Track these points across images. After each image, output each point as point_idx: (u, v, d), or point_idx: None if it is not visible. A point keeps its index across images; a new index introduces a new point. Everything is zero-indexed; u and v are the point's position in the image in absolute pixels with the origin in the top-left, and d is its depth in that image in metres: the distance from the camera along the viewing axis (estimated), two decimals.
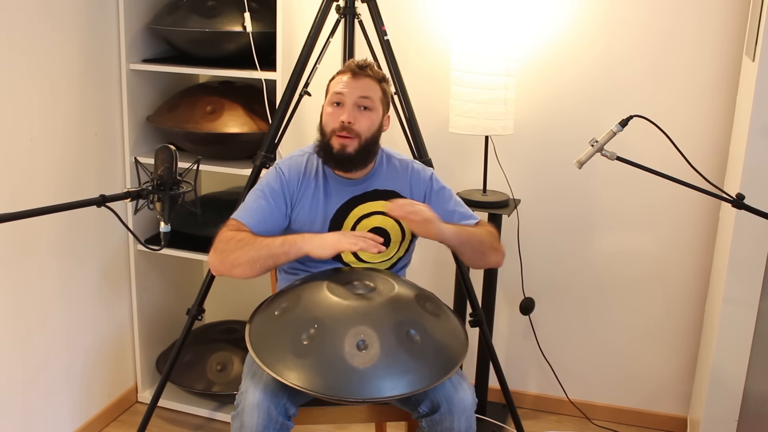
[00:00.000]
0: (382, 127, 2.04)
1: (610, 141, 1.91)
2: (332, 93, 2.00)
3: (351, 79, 1.99)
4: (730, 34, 2.57)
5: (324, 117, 2.02)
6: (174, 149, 1.69)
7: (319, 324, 1.72)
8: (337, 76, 2.03)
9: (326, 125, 2.00)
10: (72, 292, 2.60)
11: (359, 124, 1.97)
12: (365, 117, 1.98)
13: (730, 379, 2.36)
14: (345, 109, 1.97)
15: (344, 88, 1.98)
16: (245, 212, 2.00)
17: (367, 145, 1.99)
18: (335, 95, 1.99)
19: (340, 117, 1.96)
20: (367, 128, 1.98)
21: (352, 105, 1.97)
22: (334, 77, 2.04)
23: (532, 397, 3.07)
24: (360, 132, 1.97)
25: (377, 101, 2.00)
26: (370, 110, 1.99)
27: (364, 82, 1.99)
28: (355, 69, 2.00)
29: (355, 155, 1.98)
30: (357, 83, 1.98)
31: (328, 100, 2.02)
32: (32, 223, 2.33)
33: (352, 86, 1.98)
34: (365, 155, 2.00)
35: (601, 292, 2.90)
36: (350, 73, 2.00)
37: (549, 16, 2.72)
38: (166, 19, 2.64)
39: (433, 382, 1.69)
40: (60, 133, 2.48)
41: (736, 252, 2.27)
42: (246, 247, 1.88)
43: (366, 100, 1.98)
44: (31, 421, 2.47)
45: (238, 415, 1.79)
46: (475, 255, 2.03)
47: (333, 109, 1.99)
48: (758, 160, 2.19)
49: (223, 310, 3.17)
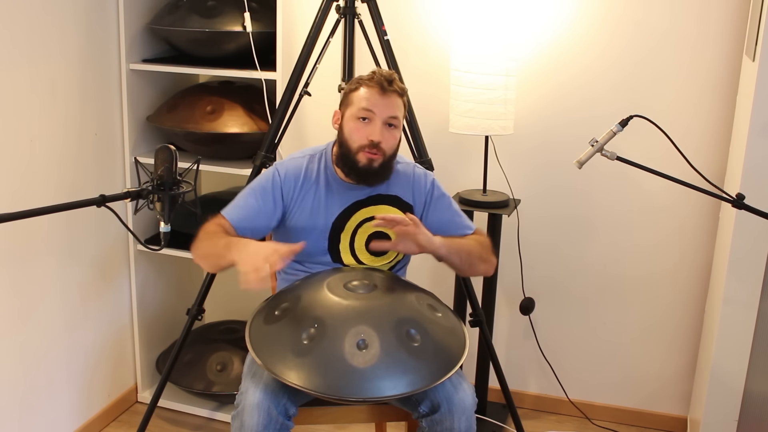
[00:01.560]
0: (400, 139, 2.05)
1: (610, 141, 1.91)
2: (359, 108, 1.95)
3: (380, 97, 1.95)
4: (730, 34, 2.57)
5: (348, 130, 1.98)
6: (174, 149, 1.69)
7: (320, 323, 1.72)
8: (364, 87, 1.96)
9: (351, 140, 1.97)
10: (72, 292, 2.60)
11: (386, 142, 1.96)
12: (392, 135, 1.98)
13: (730, 379, 2.36)
14: (374, 127, 1.94)
15: (374, 107, 1.94)
16: (232, 208, 2.03)
17: (391, 158, 2.00)
18: (363, 111, 1.95)
19: (369, 136, 1.94)
20: (392, 145, 1.99)
21: (382, 124, 1.95)
22: (359, 88, 1.97)
23: (532, 397, 3.07)
24: (386, 149, 1.97)
25: (401, 119, 2.00)
26: (395, 128, 1.98)
27: (392, 99, 1.96)
28: (384, 84, 1.95)
29: (380, 169, 1.98)
30: (386, 101, 1.95)
31: (354, 114, 1.97)
32: (32, 223, 2.33)
33: (381, 105, 1.94)
34: (388, 169, 2.01)
35: (601, 292, 2.90)
36: (379, 89, 1.95)
37: (549, 16, 2.72)
38: (166, 19, 2.64)
39: (433, 381, 1.69)
40: (60, 133, 2.47)
41: (736, 252, 2.27)
42: (207, 242, 1.93)
43: (394, 119, 1.97)
44: (30, 421, 2.47)
45: (238, 415, 1.79)
46: (463, 265, 2.03)
47: (359, 125, 1.96)
48: (758, 160, 2.19)
49: (223, 310, 3.17)
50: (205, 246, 1.93)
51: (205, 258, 1.94)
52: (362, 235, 2.05)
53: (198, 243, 1.95)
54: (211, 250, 1.90)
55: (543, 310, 2.97)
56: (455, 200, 2.72)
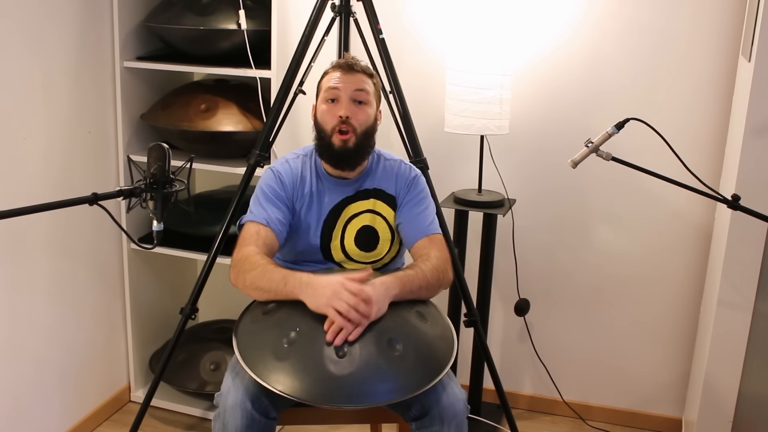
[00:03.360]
0: (376, 121, 2.05)
1: (605, 142, 1.91)
2: (326, 89, 1.99)
3: (344, 74, 1.99)
4: (726, 35, 2.56)
5: (320, 115, 2.01)
6: (167, 147, 1.68)
7: (301, 328, 1.72)
8: (329, 73, 2.02)
9: (324, 123, 1.99)
10: (65, 291, 2.59)
11: (356, 117, 1.97)
12: (362, 111, 1.98)
13: (725, 381, 2.36)
14: (341, 104, 1.97)
15: (339, 83, 1.97)
16: (257, 212, 1.98)
17: (364, 138, 1.99)
18: (330, 91, 1.98)
19: (338, 112, 1.96)
20: (363, 121, 1.98)
21: (348, 99, 1.97)
22: (326, 75, 2.03)
23: (527, 398, 3.06)
24: (357, 125, 1.97)
25: (372, 95, 2.01)
26: (365, 104, 1.99)
27: (357, 77, 1.99)
28: (345, 65, 2.00)
29: (356, 149, 1.98)
30: (351, 77, 1.98)
31: (322, 98, 2.01)
32: (25, 221, 2.32)
33: (346, 81, 1.98)
34: (363, 149, 2.00)
35: (596, 293, 2.90)
36: (343, 69, 1.99)
37: (545, 17, 2.72)
38: (161, 17, 2.63)
39: (414, 391, 1.68)
40: (53, 131, 2.46)
41: (732, 253, 2.27)
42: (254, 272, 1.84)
43: (361, 93, 1.98)
44: (22, 420, 2.46)
45: (220, 416, 1.79)
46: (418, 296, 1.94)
47: (328, 106, 1.99)
48: (754, 161, 2.19)
49: (216, 310, 3.16)
50: (256, 280, 1.84)
51: (259, 292, 1.84)
52: (351, 231, 2.05)
53: (243, 275, 1.86)
54: (266, 285, 1.82)
55: (538, 311, 2.96)
56: (450, 199, 2.73)
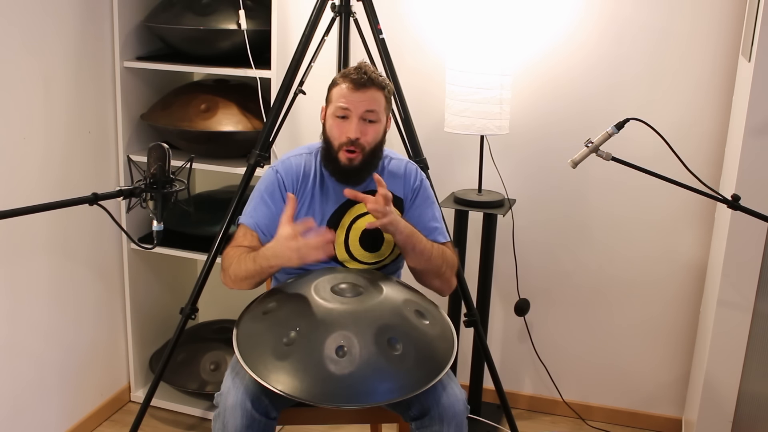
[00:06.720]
0: (385, 132, 2.04)
1: (605, 142, 1.91)
2: (336, 106, 1.96)
3: (356, 93, 1.94)
4: (726, 35, 2.56)
5: (329, 127, 2.00)
6: (167, 147, 1.68)
7: (300, 327, 1.72)
8: (340, 84, 1.97)
9: (332, 138, 1.98)
10: (65, 291, 2.59)
11: (365, 137, 1.96)
12: (371, 130, 1.97)
13: (725, 381, 2.36)
14: (351, 124, 1.95)
15: (349, 104, 1.94)
16: (247, 216, 2.03)
17: (372, 152, 2.00)
18: (340, 110, 1.96)
19: (347, 133, 1.95)
20: (372, 140, 1.98)
21: (358, 119, 1.95)
22: (337, 85, 1.98)
23: (527, 398, 3.06)
24: (365, 145, 1.97)
25: (381, 112, 1.99)
26: (375, 122, 1.98)
27: (368, 94, 1.95)
28: (359, 80, 1.94)
29: (361, 166, 1.98)
30: (361, 96, 1.95)
31: (333, 112, 1.98)
32: (26, 221, 2.32)
33: (356, 101, 1.94)
34: (370, 164, 2.01)
35: (596, 293, 2.90)
36: (355, 85, 1.94)
37: (545, 17, 2.71)
38: (161, 17, 2.63)
39: (412, 391, 1.68)
40: (53, 131, 2.46)
41: (732, 253, 2.27)
42: (237, 266, 1.94)
43: (371, 113, 1.96)
44: (22, 420, 2.46)
45: (220, 416, 1.79)
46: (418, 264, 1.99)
47: (338, 122, 1.97)
48: (754, 161, 2.19)
49: (216, 310, 3.16)
50: (235, 271, 1.94)
51: (242, 281, 1.95)
52: (356, 231, 2.05)
53: (225, 272, 1.97)
54: (243, 272, 1.92)
55: (538, 311, 2.96)
56: (450, 199, 2.73)
